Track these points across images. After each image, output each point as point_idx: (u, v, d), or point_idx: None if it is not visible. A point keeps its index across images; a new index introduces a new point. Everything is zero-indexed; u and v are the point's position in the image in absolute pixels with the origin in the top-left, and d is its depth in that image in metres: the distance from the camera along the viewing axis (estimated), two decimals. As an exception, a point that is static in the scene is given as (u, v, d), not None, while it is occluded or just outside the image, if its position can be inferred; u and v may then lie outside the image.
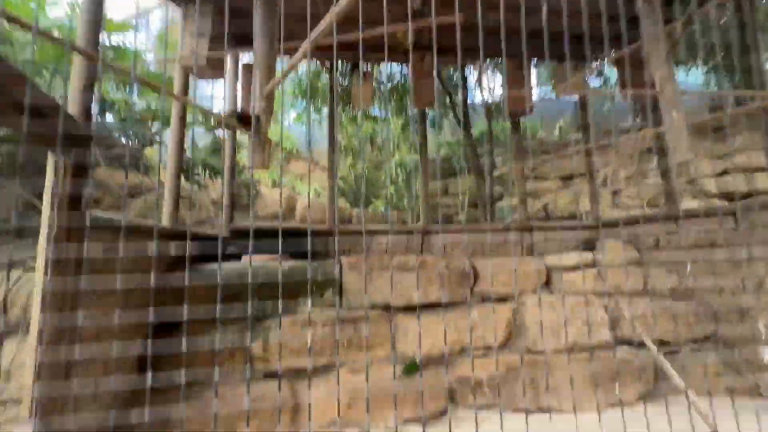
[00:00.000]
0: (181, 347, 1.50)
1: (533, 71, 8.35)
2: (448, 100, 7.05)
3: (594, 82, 8.98)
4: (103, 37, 4.29)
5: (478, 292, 3.28)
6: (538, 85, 9.78)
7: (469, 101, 7.23)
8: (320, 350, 2.74)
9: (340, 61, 4.57)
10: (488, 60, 5.74)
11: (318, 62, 4.87)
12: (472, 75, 7.02)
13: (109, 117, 4.86)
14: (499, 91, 8.20)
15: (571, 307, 3.04)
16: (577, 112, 8.50)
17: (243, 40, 3.45)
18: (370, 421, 2.38)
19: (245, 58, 3.98)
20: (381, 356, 2.87)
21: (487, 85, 7.87)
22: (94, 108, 4.59)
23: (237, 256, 3.51)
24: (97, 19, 2.32)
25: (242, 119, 1.37)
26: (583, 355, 2.85)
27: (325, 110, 6.99)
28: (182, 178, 5.35)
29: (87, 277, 1.92)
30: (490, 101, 7.12)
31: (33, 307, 1.73)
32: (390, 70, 6.21)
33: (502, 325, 3.01)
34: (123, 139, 4.67)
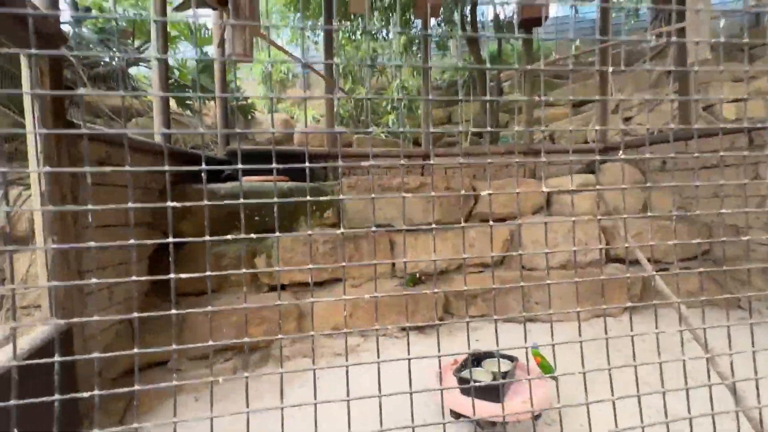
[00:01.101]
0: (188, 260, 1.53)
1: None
2: (455, 13, 6.43)
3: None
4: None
5: (478, 214, 3.30)
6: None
7: (479, 16, 6.61)
8: (321, 265, 2.84)
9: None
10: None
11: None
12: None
13: (86, 31, 4.47)
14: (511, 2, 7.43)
15: (568, 228, 3.08)
16: (595, 31, 7.80)
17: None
18: (378, 324, 2.54)
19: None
20: (381, 272, 2.99)
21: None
22: (67, 12, 4.20)
23: (235, 178, 3.49)
24: None
25: None
26: (575, 271, 2.95)
27: (321, 30, 6.43)
28: (173, 102, 5.11)
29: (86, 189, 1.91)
30: (502, 16, 6.50)
31: (36, 222, 1.75)
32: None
33: (498, 243, 3.08)
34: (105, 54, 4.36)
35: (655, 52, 7.19)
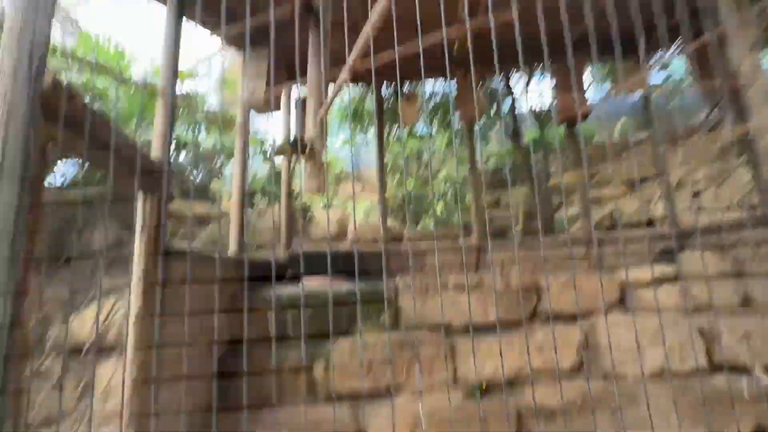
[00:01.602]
0: (249, 366, 1.58)
1: (587, 71, 7.92)
2: (494, 110, 6.91)
3: (656, 78, 8.29)
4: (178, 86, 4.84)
5: (542, 312, 3.08)
6: (594, 83, 9.23)
7: (517, 109, 7.03)
8: (380, 373, 2.72)
9: (384, 83, 4.70)
10: (538, 65, 5.56)
11: (363, 86, 5.04)
12: (519, 82, 6.83)
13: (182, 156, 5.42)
14: (549, 95, 7.87)
15: (652, 328, 2.74)
16: (638, 110, 7.87)
17: (295, 74, 3.69)
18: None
19: (298, 91, 4.25)
20: (441, 380, 2.78)
21: (535, 92, 7.60)
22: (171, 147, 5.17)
23: (296, 278, 3.67)
24: (174, 71, 2.64)
25: (296, 146, 1.45)
26: (673, 382, 2.53)
27: (371, 132, 7.19)
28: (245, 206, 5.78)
29: (169, 296, 2.11)
30: (539, 109, 6.86)
31: (127, 327, 1.94)
32: (433, 87, 6.25)
33: (571, 347, 2.79)
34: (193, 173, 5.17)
35: (711, 125, 6.98)
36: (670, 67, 7.29)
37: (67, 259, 4.13)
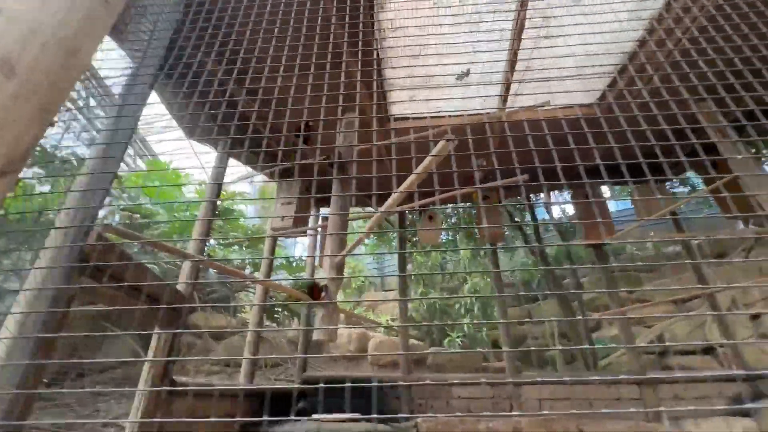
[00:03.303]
0: None
1: (610, 191, 8.11)
2: (518, 226, 6.99)
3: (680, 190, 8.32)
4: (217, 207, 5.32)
5: (596, 475, 2.54)
6: (617, 200, 9.35)
7: (540, 221, 7.09)
8: None
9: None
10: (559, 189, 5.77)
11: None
12: (541, 200, 7.02)
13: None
14: (571, 210, 7.97)
15: None
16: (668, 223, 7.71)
17: (324, 202, 3.98)
18: None
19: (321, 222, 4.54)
20: None
21: (558, 205, 7.74)
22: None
23: (308, 412, 3.33)
24: (214, 203, 2.90)
25: (312, 293, 1.44)
26: None
27: (395, 242, 7.31)
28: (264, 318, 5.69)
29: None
30: (563, 222, 6.89)
31: None
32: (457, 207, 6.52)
33: None
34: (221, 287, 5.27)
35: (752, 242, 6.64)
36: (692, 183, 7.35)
37: (79, 373, 4.03)
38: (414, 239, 6.57)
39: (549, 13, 2.32)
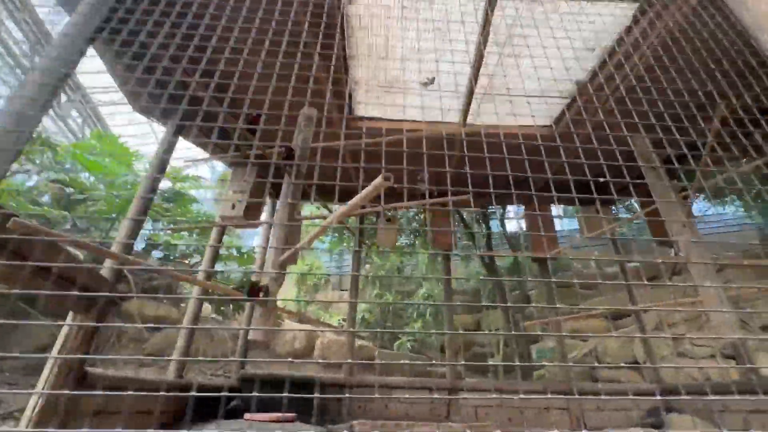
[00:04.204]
0: None
1: (557, 209, 8.54)
2: (469, 236, 7.18)
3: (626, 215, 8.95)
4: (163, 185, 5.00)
5: (519, 481, 2.64)
6: (563, 217, 9.85)
7: (493, 228, 7.34)
8: None
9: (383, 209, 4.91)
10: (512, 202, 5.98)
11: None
12: (494, 212, 7.26)
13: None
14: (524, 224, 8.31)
15: None
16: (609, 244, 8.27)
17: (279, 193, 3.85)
18: None
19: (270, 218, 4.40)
20: None
21: (511, 218, 8.05)
22: (140, 244, 5.05)
23: (242, 411, 3.19)
24: (157, 179, 2.71)
25: (251, 293, 1.36)
26: None
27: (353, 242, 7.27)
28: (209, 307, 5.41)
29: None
30: (514, 236, 7.15)
31: None
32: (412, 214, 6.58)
33: None
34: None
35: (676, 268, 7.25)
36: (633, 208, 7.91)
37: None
38: (372, 241, 6.55)
39: (513, 31, 2.39)
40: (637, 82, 1.70)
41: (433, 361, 6.61)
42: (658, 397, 3.25)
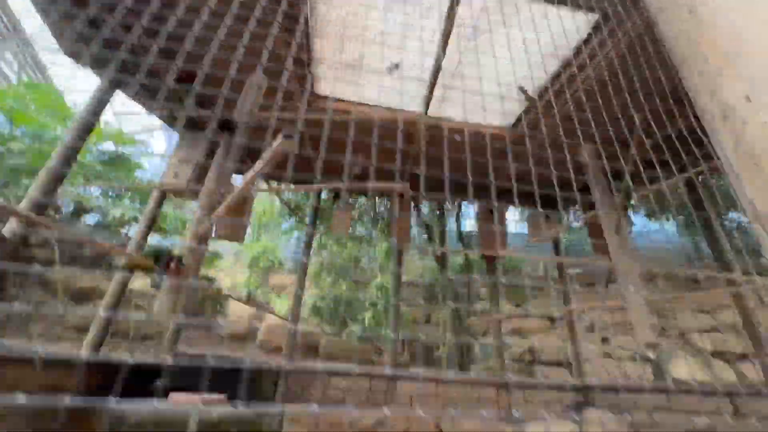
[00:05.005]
0: None
1: (509, 213, 8.86)
2: (426, 230, 7.29)
3: (574, 224, 9.48)
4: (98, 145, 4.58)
5: (443, 467, 2.71)
6: (516, 222, 10.24)
7: (449, 230, 7.48)
8: None
9: (324, 189, 4.80)
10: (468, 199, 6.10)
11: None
12: (450, 209, 7.40)
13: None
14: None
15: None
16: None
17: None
18: None
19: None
20: None
21: (467, 216, 8.25)
22: (67, 207, 4.62)
23: (167, 391, 3.02)
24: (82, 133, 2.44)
25: (159, 261, 1.25)
26: None
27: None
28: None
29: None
30: (465, 234, 7.33)
31: None
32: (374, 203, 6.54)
33: None
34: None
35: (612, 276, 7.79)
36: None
37: None
38: (328, 229, 6.46)
39: (479, 26, 2.38)
40: (585, 97, 1.75)
41: (381, 350, 6.69)
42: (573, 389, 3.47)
